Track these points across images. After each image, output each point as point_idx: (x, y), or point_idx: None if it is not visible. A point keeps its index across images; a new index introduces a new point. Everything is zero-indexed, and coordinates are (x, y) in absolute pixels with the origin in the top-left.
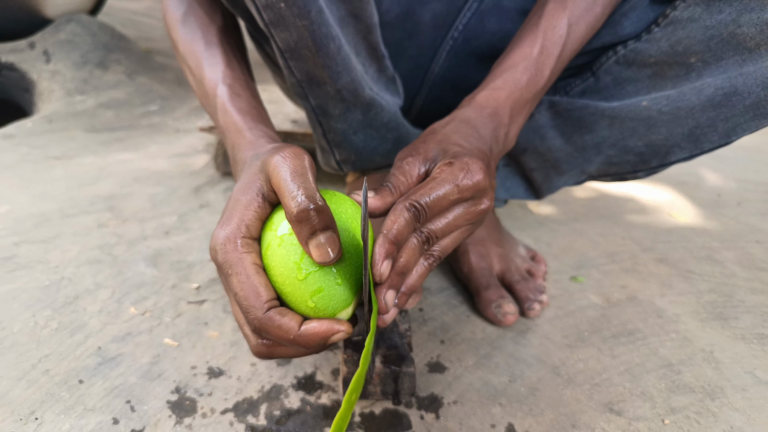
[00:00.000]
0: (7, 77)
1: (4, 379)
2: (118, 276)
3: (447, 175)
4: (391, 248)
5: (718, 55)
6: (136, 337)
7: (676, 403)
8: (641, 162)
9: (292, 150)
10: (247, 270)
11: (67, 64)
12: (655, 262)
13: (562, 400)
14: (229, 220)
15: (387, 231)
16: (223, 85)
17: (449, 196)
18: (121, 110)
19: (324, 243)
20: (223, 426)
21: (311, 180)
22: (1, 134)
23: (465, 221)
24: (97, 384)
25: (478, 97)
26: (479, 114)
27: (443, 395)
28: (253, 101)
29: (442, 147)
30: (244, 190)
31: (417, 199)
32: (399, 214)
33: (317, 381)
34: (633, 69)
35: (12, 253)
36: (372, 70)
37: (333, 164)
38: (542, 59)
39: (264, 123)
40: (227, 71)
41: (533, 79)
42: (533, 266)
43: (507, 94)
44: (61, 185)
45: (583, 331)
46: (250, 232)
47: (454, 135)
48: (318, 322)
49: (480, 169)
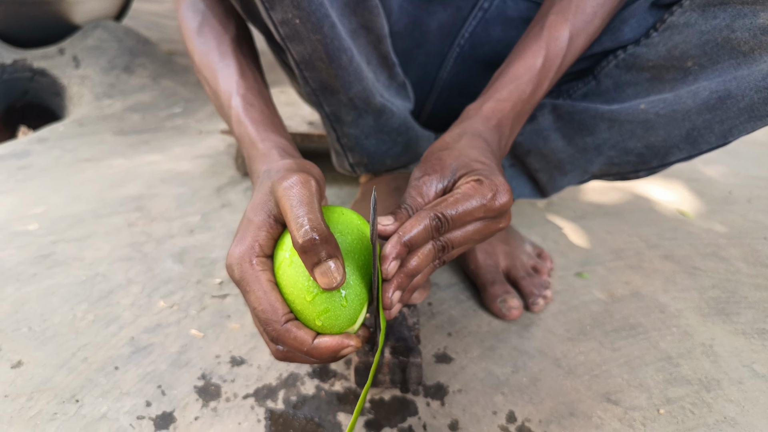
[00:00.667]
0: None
1: (47, 367)
2: (148, 272)
3: (476, 193)
4: (403, 250)
5: (713, 59)
6: (165, 328)
7: (672, 394)
8: (641, 162)
9: (299, 177)
10: (264, 287)
11: (96, 69)
12: (660, 258)
13: (562, 389)
14: (243, 239)
15: (403, 234)
16: (237, 96)
17: (475, 213)
18: (147, 113)
19: (328, 270)
20: (244, 409)
21: (317, 208)
22: (35, 138)
23: (480, 236)
24: (131, 371)
25: (484, 108)
26: (486, 126)
27: (449, 384)
28: (267, 110)
29: (461, 162)
30: (256, 211)
31: (443, 211)
32: (420, 221)
33: (331, 369)
34: (632, 73)
35: (50, 251)
36: (383, 77)
37: (346, 166)
38: (544, 72)
39: (277, 132)
40: (240, 81)
41: (535, 92)
42: (539, 263)
43: (511, 106)
44: (93, 187)
45: (586, 325)
46: (263, 251)
47: (473, 150)
48: (330, 338)
49: (507, 191)
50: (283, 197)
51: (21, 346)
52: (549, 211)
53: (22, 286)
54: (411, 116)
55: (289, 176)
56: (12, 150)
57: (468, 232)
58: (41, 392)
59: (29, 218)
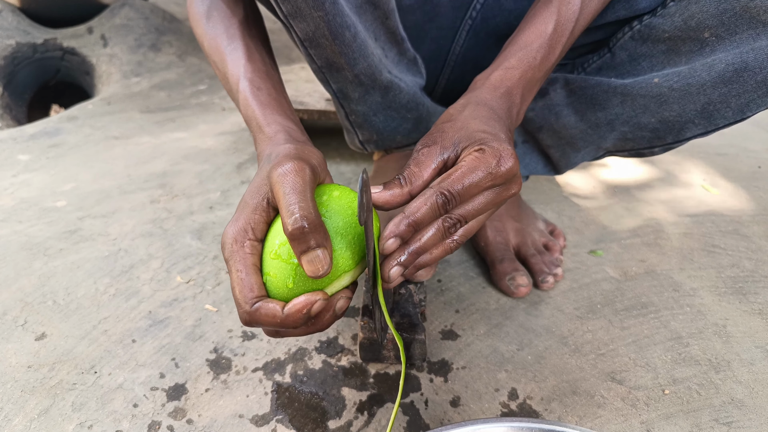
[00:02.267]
0: (69, 61)
1: (70, 338)
2: (168, 248)
3: (479, 163)
4: (406, 230)
5: (731, 29)
6: (182, 302)
7: (679, 375)
8: (656, 138)
9: (294, 165)
10: (247, 269)
11: (123, 47)
12: (679, 236)
13: (566, 368)
14: (238, 219)
15: (409, 214)
16: (244, 79)
17: (482, 183)
18: (173, 91)
19: (316, 258)
20: (253, 382)
21: (309, 197)
22: (66, 116)
23: (493, 205)
24: (147, 343)
25: (492, 77)
26: (493, 95)
27: (453, 361)
28: (274, 92)
29: (463, 134)
30: (253, 194)
31: (448, 187)
32: (427, 200)
33: (339, 344)
34: (648, 45)
35: (77, 226)
36: (392, 53)
37: (357, 144)
38: (556, 37)
39: (283, 114)
40: (248, 65)
41: (546, 58)
42: (550, 240)
43: (521, 73)
44: (120, 163)
45: (596, 304)
46: (255, 234)
47: (475, 120)
48: (296, 300)
49: (511, 155)
50: (276, 184)
51: (46, 318)
52: (566, 188)
53: (50, 261)
54: (422, 92)
55: (284, 163)
56: (43, 128)
57: (479, 203)
58: (62, 363)
59: (59, 195)
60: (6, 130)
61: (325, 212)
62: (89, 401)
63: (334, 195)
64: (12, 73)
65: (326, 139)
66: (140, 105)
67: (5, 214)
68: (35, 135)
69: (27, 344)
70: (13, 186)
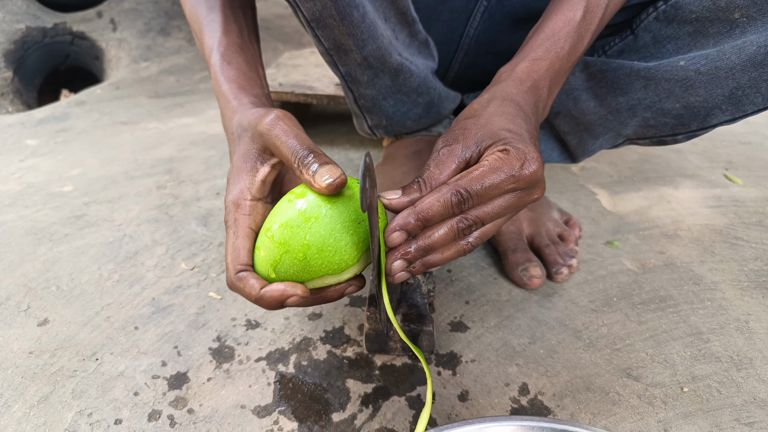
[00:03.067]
0: (79, 46)
1: (72, 324)
2: (173, 234)
3: (502, 164)
4: (413, 224)
5: (764, 8)
6: (186, 290)
7: (698, 372)
8: (680, 125)
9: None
10: (240, 232)
11: (132, 32)
12: (700, 227)
13: (580, 363)
14: (235, 184)
15: (420, 209)
16: (216, 53)
17: (503, 185)
18: (182, 76)
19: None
20: (256, 372)
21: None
22: (74, 101)
23: (513, 209)
24: (150, 331)
25: (518, 69)
26: (519, 89)
27: (462, 353)
28: (245, 66)
29: (487, 131)
30: (245, 158)
31: (466, 186)
32: (441, 197)
33: (344, 335)
34: (673, 26)
35: (83, 212)
36: (403, 35)
37: (366, 129)
38: (585, 24)
39: (250, 91)
40: (222, 38)
41: (574, 47)
42: (565, 230)
43: (548, 65)
44: (127, 149)
45: (612, 297)
46: (252, 193)
47: (500, 117)
48: (274, 286)
49: (536, 158)
50: (269, 134)
51: (49, 304)
52: (583, 176)
53: (55, 246)
54: (434, 76)
55: (266, 115)
56: (52, 113)
57: (497, 206)
58: (64, 349)
59: (66, 180)
60: (15, 115)
61: (328, 204)
62: (90, 389)
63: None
64: (22, 58)
65: (336, 124)
66: (148, 90)
67: (11, 198)
68: (43, 120)
69: (29, 330)
70: (21, 171)
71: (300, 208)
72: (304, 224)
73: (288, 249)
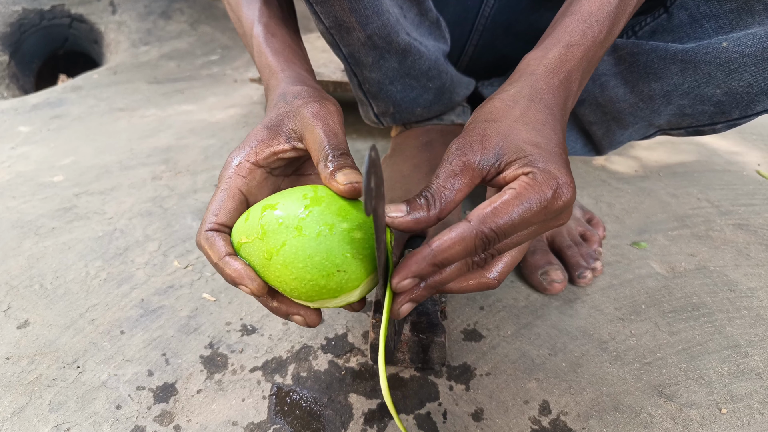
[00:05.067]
0: (77, 29)
1: (53, 327)
2: (167, 228)
3: (532, 194)
4: (429, 269)
5: None
6: (178, 290)
7: (737, 390)
8: (720, 113)
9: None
10: (228, 190)
11: (132, 14)
12: (732, 227)
13: (607, 378)
14: (248, 144)
15: (437, 251)
16: (259, 24)
17: (534, 219)
18: (183, 61)
19: (349, 172)
20: (251, 384)
21: (342, 133)
22: (70, 86)
23: (536, 236)
24: (137, 335)
25: (549, 57)
26: (550, 84)
27: (476, 366)
28: (289, 39)
29: (510, 143)
30: (270, 125)
31: (492, 226)
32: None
33: (348, 342)
34: (713, 3)
35: (72, 204)
36: (411, 13)
37: (372, 117)
38: (623, 5)
39: (298, 63)
40: (264, 9)
41: (611, 31)
42: (588, 230)
43: (583, 52)
44: (123, 137)
45: (640, 304)
46: (258, 159)
47: (525, 127)
48: (235, 263)
49: (569, 184)
50: (311, 123)
51: (30, 304)
52: (605, 170)
53: (40, 240)
54: (446, 59)
55: (316, 101)
56: (47, 98)
57: (523, 235)
58: (43, 355)
59: (57, 169)
60: (8, 100)
61: (336, 219)
62: (68, 400)
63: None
64: (18, 41)
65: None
66: (148, 75)
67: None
68: (38, 105)
69: (8, 332)
70: (11, 159)
71: (301, 214)
72: (292, 231)
73: (264, 239)
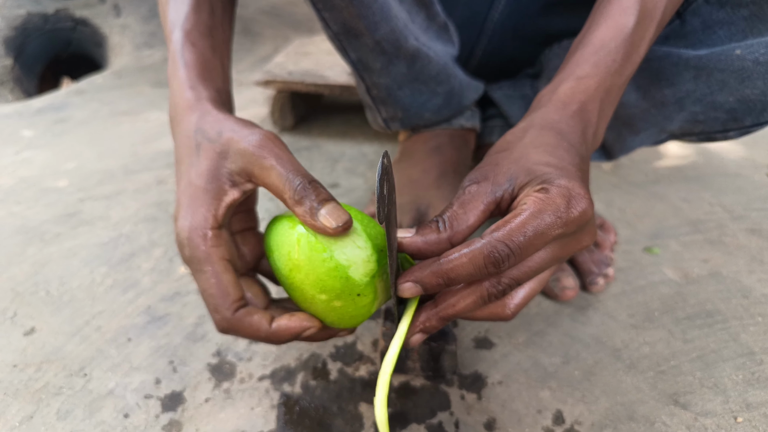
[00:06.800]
0: (81, 33)
1: (60, 335)
2: (172, 234)
3: (545, 207)
4: (434, 283)
5: None
6: (184, 297)
7: (753, 399)
8: (732, 120)
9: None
10: (215, 267)
11: (136, 17)
12: (746, 232)
13: (621, 387)
14: (194, 209)
15: (444, 266)
16: (179, 30)
17: (549, 232)
18: None
19: (334, 210)
20: (259, 392)
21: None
22: (74, 90)
23: (556, 261)
24: (143, 343)
25: (560, 91)
26: (562, 114)
27: (488, 374)
28: (209, 53)
29: (521, 167)
30: (209, 177)
31: (505, 240)
32: (471, 255)
33: (357, 351)
34: (726, 10)
35: (77, 209)
36: (419, 18)
37: (380, 122)
38: (639, 32)
39: (211, 83)
40: (190, 14)
41: (628, 59)
42: (600, 235)
43: (597, 83)
44: (127, 141)
45: (653, 311)
46: (218, 222)
47: (536, 150)
48: (288, 320)
49: (583, 195)
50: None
51: (36, 311)
52: (616, 175)
53: (45, 246)
54: (455, 63)
55: (253, 134)
56: (51, 102)
57: (539, 261)
58: (50, 363)
59: (61, 174)
60: (12, 104)
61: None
62: (76, 408)
63: (360, 216)
64: (22, 45)
65: (349, 116)
66: (151, 79)
67: (3, 194)
68: (42, 109)
69: (14, 340)
70: (14, 164)
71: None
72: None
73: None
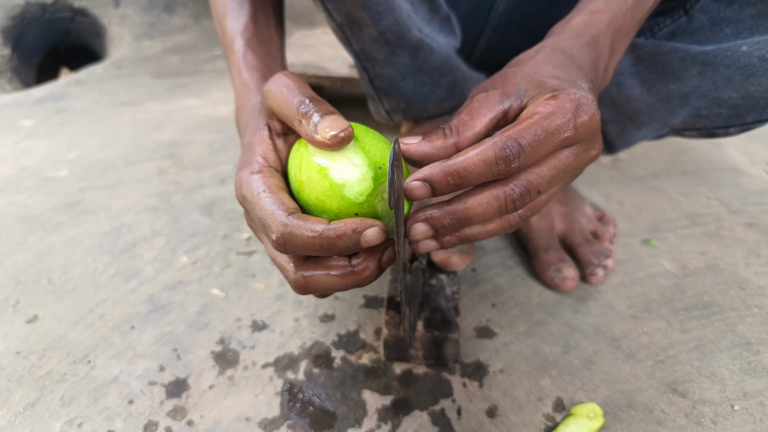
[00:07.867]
0: (80, 23)
1: (63, 322)
2: (174, 224)
3: (555, 109)
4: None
5: None
6: (187, 286)
7: (750, 387)
8: (735, 116)
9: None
10: (271, 189)
11: (136, 8)
12: (743, 226)
13: (620, 376)
14: (249, 160)
15: (452, 163)
16: (240, 39)
17: (559, 134)
18: (187, 55)
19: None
20: (263, 380)
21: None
22: (73, 80)
23: (570, 172)
24: (147, 331)
25: (573, 22)
26: (575, 42)
27: (489, 363)
28: (269, 59)
29: (531, 80)
30: (254, 133)
31: (516, 137)
32: (481, 151)
33: (360, 339)
34: (734, 7)
35: (78, 198)
36: (422, 9)
37: (382, 113)
38: None
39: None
40: (249, 24)
41: (639, 1)
42: (600, 228)
43: (609, 19)
44: (128, 131)
45: (652, 302)
46: (268, 162)
47: (547, 66)
48: (345, 219)
49: (592, 102)
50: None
51: (39, 299)
52: (615, 168)
53: (47, 235)
54: (458, 55)
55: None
56: (50, 92)
57: (552, 168)
58: (54, 350)
59: (61, 164)
60: (11, 94)
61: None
62: (80, 395)
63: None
64: (21, 35)
65: (350, 108)
66: (151, 69)
67: (4, 183)
68: (41, 99)
69: (17, 327)
70: (15, 153)
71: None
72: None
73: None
